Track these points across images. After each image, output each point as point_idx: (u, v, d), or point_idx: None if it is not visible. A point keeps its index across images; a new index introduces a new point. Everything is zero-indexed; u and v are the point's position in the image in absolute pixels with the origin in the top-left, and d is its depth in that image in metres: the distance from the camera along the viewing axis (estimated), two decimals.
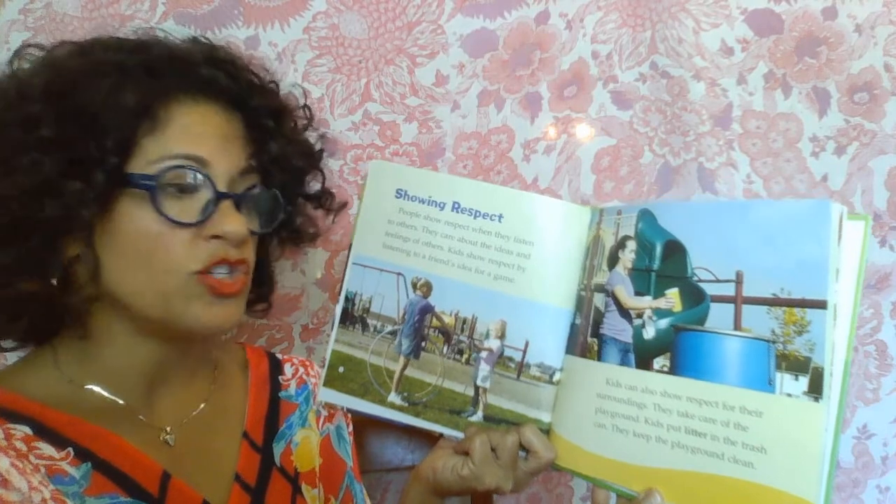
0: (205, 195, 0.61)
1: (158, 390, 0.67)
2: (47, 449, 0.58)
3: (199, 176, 0.61)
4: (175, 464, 0.64)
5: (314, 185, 0.78)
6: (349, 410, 0.75)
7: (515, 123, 1.07)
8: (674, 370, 0.59)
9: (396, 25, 1.01)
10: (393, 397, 0.73)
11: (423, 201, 0.72)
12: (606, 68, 1.09)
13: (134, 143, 0.59)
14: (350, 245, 0.74)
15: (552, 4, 1.06)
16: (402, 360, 0.73)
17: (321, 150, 0.77)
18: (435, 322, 0.71)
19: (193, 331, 0.63)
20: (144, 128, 0.60)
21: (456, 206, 0.71)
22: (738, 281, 0.57)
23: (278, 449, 0.74)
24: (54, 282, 0.60)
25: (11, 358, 0.70)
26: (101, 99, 0.58)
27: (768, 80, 1.10)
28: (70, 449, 0.59)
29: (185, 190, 0.61)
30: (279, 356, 0.82)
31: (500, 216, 0.69)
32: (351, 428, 0.84)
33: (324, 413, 0.80)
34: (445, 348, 0.71)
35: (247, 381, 0.77)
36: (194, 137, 0.62)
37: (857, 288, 0.54)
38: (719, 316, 0.58)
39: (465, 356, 0.71)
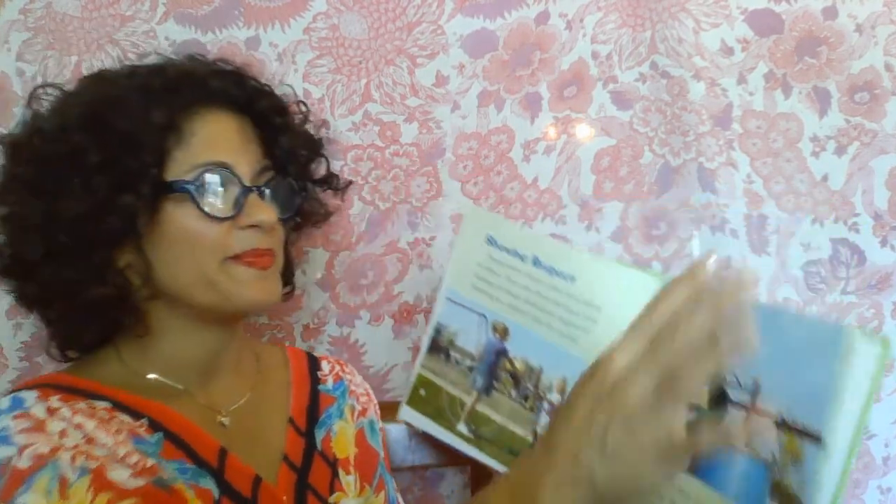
0: (233, 192, 0.70)
1: (211, 378, 0.75)
2: (126, 418, 0.66)
3: (228, 175, 0.69)
4: (230, 442, 0.71)
5: (320, 172, 0.87)
6: (422, 431, 0.82)
7: (515, 124, 1.07)
8: (691, 469, 0.56)
9: (396, 26, 1.01)
10: (461, 427, 0.79)
11: (509, 252, 0.77)
12: (606, 68, 1.09)
13: (166, 155, 0.68)
14: (441, 279, 0.82)
15: (552, 5, 1.06)
16: (474, 394, 0.78)
17: (321, 139, 0.87)
18: (508, 365, 0.76)
19: (240, 307, 0.71)
20: (172, 140, 0.68)
21: (536, 261, 0.75)
22: (755, 391, 0.55)
23: (319, 435, 0.80)
24: (114, 289, 0.68)
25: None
26: (134, 120, 0.67)
27: (768, 80, 1.10)
28: (145, 420, 0.67)
29: (215, 189, 0.69)
30: (316, 355, 0.90)
31: (573, 278, 0.73)
32: (381, 424, 0.89)
33: (358, 408, 0.86)
34: (514, 392, 0.76)
35: (288, 376, 0.84)
36: (216, 144, 0.70)
37: (861, 418, 0.50)
38: (733, 422, 0.55)
39: (530, 403, 0.75)
